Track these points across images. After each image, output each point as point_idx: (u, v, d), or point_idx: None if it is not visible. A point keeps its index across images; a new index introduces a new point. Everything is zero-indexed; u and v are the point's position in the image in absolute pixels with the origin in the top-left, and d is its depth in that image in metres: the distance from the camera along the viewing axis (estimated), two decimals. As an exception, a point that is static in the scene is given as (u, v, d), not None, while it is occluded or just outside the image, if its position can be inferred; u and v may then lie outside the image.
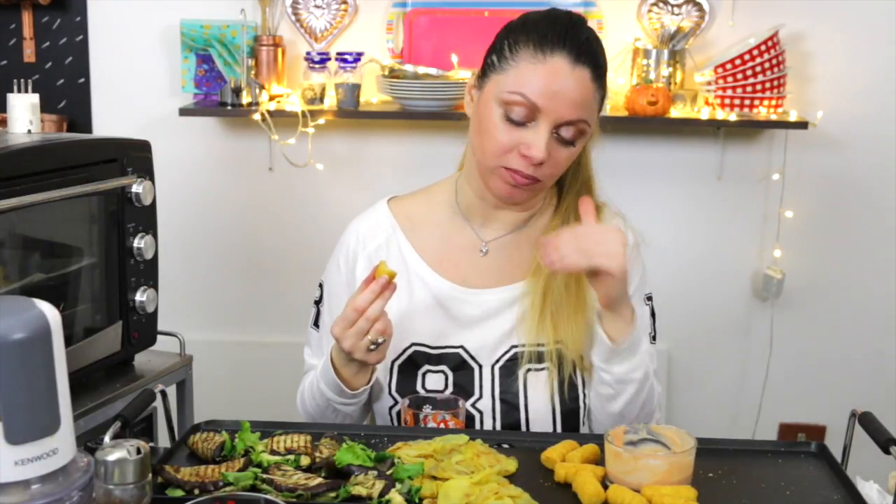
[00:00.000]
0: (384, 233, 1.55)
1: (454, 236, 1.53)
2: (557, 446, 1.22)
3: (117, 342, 1.82)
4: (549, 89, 1.35)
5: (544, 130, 1.35)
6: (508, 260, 1.51)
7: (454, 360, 1.47)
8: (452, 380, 1.47)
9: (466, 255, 1.52)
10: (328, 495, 1.07)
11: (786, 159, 2.80)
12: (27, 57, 2.87)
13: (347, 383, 1.42)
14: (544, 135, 1.35)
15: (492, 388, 1.46)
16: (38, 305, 0.91)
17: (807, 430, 2.94)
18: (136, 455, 0.93)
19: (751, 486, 1.16)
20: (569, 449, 1.22)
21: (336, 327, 1.36)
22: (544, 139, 1.35)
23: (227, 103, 2.72)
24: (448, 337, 1.48)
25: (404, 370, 1.48)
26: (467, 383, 1.47)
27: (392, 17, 2.81)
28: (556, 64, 1.36)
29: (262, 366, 2.96)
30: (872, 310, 2.88)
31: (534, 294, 1.47)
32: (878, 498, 1.13)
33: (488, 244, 1.52)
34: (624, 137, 2.80)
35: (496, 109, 1.38)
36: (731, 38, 2.75)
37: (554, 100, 1.35)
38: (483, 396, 1.46)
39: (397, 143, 2.89)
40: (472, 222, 1.53)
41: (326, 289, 1.59)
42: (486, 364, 1.47)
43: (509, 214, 1.52)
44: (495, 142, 1.38)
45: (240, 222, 2.94)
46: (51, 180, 1.62)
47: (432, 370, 1.47)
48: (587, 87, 1.37)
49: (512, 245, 1.52)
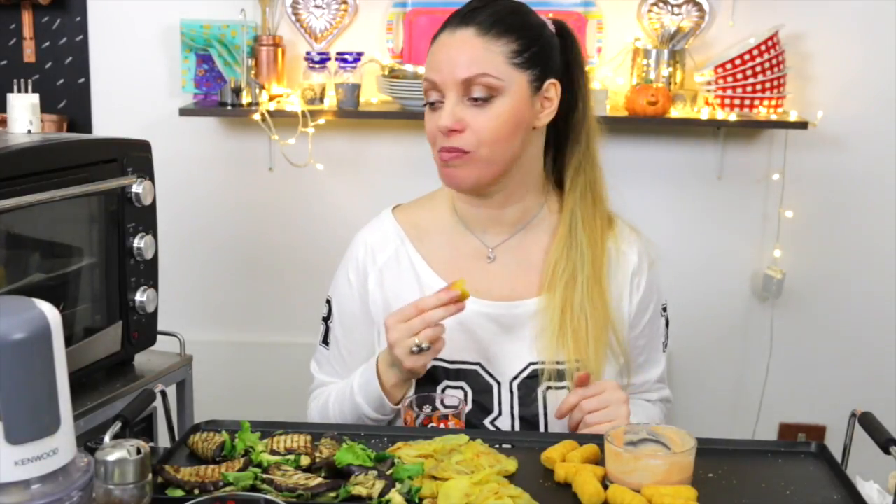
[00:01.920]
0: (393, 244, 1.53)
1: (460, 244, 1.52)
2: (557, 446, 1.22)
3: (117, 342, 1.82)
4: (437, 62, 1.42)
5: (449, 100, 1.40)
6: (517, 266, 1.50)
7: (472, 377, 1.46)
8: (472, 397, 1.45)
9: (474, 262, 1.50)
10: (328, 495, 1.07)
11: (786, 159, 2.80)
12: (27, 57, 2.87)
13: (389, 394, 1.40)
14: (450, 102, 1.40)
15: (511, 407, 1.45)
16: (38, 305, 0.91)
17: (807, 430, 2.95)
18: (136, 455, 0.93)
19: (751, 486, 1.16)
20: (569, 449, 1.22)
21: (391, 318, 1.36)
22: (450, 106, 1.40)
23: (227, 103, 2.72)
24: (464, 352, 1.46)
25: (423, 385, 1.45)
26: (486, 401, 1.45)
27: (392, 17, 2.81)
28: (442, 38, 1.43)
29: (262, 366, 2.96)
30: (872, 310, 2.88)
31: (551, 310, 1.45)
32: (878, 498, 1.13)
33: (494, 250, 1.51)
34: (624, 137, 2.80)
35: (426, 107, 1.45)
36: (731, 38, 2.76)
37: (443, 68, 1.40)
38: (503, 414, 1.45)
39: (397, 143, 2.89)
40: (474, 229, 1.51)
41: (336, 305, 1.56)
42: (505, 381, 1.46)
43: (504, 215, 1.49)
44: (427, 133, 1.44)
45: (240, 222, 2.94)
46: (51, 180, 1.62)
47: (451, 385, 1.46)
48: (473, 44, 1.39)
49: (519, 250, 1.50)
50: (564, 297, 1.44)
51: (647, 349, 1.55)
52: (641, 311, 1.52)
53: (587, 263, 1.45)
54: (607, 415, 1.35)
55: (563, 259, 1.46)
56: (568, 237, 1.47)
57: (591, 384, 1.39)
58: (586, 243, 1.46)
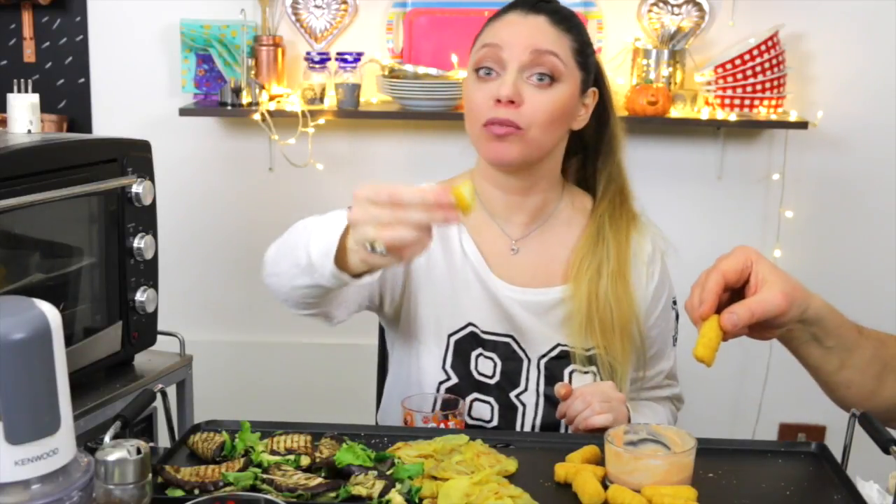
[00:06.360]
0: None
1: (484, 231, 1.55)
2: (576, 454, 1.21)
3: (117, 342, 1.82)
4: (506, 32, 1.45)
5: (511, 72, 1.42)
6: (539, 257, 1.53)
7: (504, 349, 1.50)
8: (501, 368, 1.49)
9: (499, 252, 1.53)
10: (328, 495, 1.07)
11: (786, 159, 2.80)
12: (27, 57, 2.87)
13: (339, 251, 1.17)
14: (512, 74, 1.42)
15: (537, 383, 1.49)
16: (38, 305, 0.91)
17: (807, 430, 2.94)
18: (136, 455, 0.93)
19: (751, 486, 1.16)
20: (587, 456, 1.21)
21: (363, 188, 1.06)
22: (512, 77, 1.41)
23: (227, 103, 2.72)
24: (497, 324, 1.50)
25: (460, 348, 1.49)
26: (514, 374, 1.49)
27: (392, 17, 2.81)
28: (510, 17, 1.47)
29: (262, 366, 2.96)
30: (872, 310, 2.86)
31: (577, 300, 1.49)
32: (878, 498, 1.13)
33: (517, 243, 1.54)
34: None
35: (471, 77, 1.47)
36: (731, 38, 2.75)
37: (513, 39, 1.43)
38: (528, 390, 1.49)
39: (397, 143, 2.89)
40: (497, 217, 1.54)
41: None
42: (534, 358, 1.50)
43: (526, 202, 1.52)
44: (472, 102, 1.45)
45: (240, 222, 2.94)
46: (51, 180, 1.62)
47: (485, 354, 1.49)
48: (545, 29, 1.44)
49: (540, 242, 1.54)
50: (590, 289, 1.49)
51: (658, 340, 1.60)
52: (656, 300, 1.57)
53: (612, 259, 1.51)
54: (612, 408, 1.38)
55: (589, 254, 1.51)
56: (596, 235, 1.53)
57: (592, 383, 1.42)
58: (612, 240, 1.52)
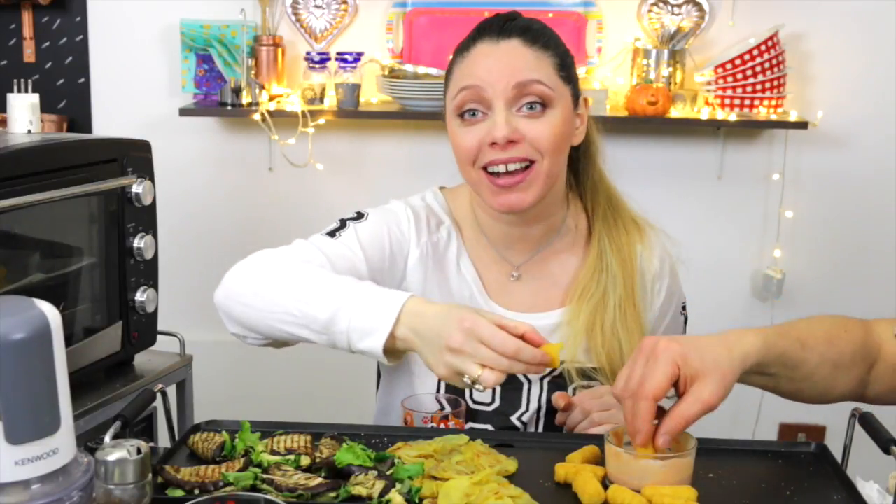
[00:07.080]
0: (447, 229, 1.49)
1: (484, 256, 1.49)
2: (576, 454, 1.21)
3: (117, 342, 1.82)
4: (482, 69, 1.34)
5: (499, 110, 1.33)
6: (539, 283, 1.48)
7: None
8: (500, 394, 1.43)
9: (497, 278, 1.48)
10: (328, 495, 1.07)
11: (786, 159, 2.80)
12: (27, 57, 2.87)
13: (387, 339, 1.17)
14: (501, 113, 1.33)
15: (539, 401, 1.43)
16: (38, 305, 0.91)
17: (807, 430, 2.94)
18: (136, 455, 0.93)
19: (751, 486, 1.16)
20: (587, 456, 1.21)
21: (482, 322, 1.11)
22: (502, 117, 1.33)
23: (227, 103, 2.72)
24: None
25: None
26: (515, 398, 1.44)
27: (392, 17, 2.81)
28: (480, 48, 1.36)
29: (262, 366, 2.96)
30: (872, 310, 2.85)
31: (577, 326, 1.42)
32: (878, 498, 1.13)
33: (518, 269, 1.48)
34: (624, 137, 2.80)
35: (454, 122, 1.38)
36: (731, 38, 2.76)
37: (491, 75, 1.33)
38: (529, 410, 1.44)
39: (397, 143, 2.89)
40: (497, 245, 1.48)
41: (373, 225, 1.45)
42: (535, 378, 1.43)
43: (530, 232, 1.46)
44: (463, 147, 1.37)
45: (240, 222, 2.94)
46: (51, 180, 1.62)
47: None
48: (522, 53, 1.35)
49: (543, 271, 1.48)
50: (594, 319, 1.42)
51: None
52: (663, 315, 1.52)
53: (619, 286, 1.44)
54: (611, 416, 1.35)
55: (592, 282, 1.44)
56: (598, 261, 1.46)
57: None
58: (616, 266, 1.45)
